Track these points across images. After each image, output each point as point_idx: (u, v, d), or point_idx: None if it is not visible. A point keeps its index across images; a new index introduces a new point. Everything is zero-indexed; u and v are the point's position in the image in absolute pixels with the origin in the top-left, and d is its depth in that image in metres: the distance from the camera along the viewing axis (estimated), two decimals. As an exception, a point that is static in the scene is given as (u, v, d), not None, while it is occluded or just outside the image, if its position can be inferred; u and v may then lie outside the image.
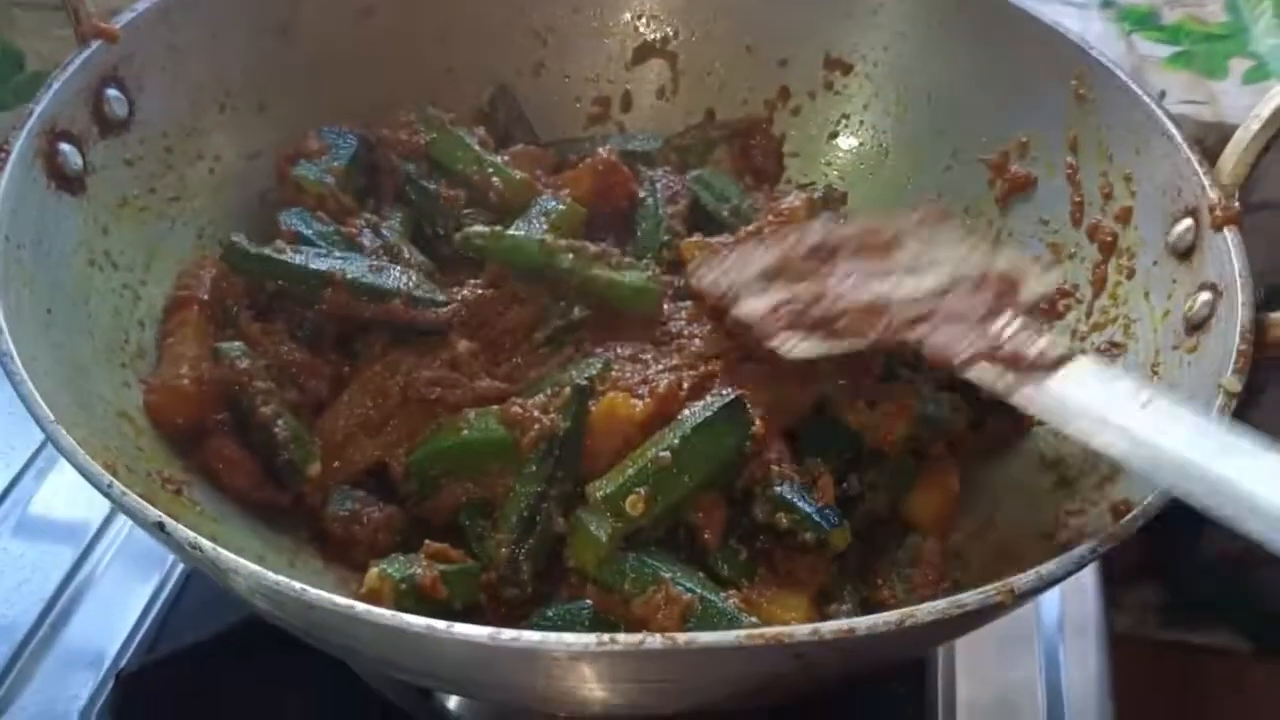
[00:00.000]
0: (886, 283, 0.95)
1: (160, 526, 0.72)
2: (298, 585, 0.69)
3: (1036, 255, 1.09)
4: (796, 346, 0.91)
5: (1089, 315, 1.05)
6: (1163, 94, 1.31)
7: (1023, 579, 0.72)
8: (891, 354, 0.93)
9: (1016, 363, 0.83)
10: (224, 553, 0.71)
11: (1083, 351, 0.84)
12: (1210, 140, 1.25)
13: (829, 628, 0.68)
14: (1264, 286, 0.90)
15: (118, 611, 1.11)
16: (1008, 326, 0.86)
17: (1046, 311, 1.08)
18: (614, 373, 1.00)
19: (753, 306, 0.96)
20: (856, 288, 0.95)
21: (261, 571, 0.70)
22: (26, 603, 1.10)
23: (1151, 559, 1.52)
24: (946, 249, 0.99)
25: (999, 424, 1.02)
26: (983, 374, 0.84)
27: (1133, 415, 0.75)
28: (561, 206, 1.11)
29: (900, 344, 0.90)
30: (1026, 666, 1.11)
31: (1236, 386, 0.83)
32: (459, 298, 1.03)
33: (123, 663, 1.07)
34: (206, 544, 0.71)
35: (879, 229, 1.02)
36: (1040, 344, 0.84)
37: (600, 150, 1.17)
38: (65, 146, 0.97)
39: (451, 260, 1.12)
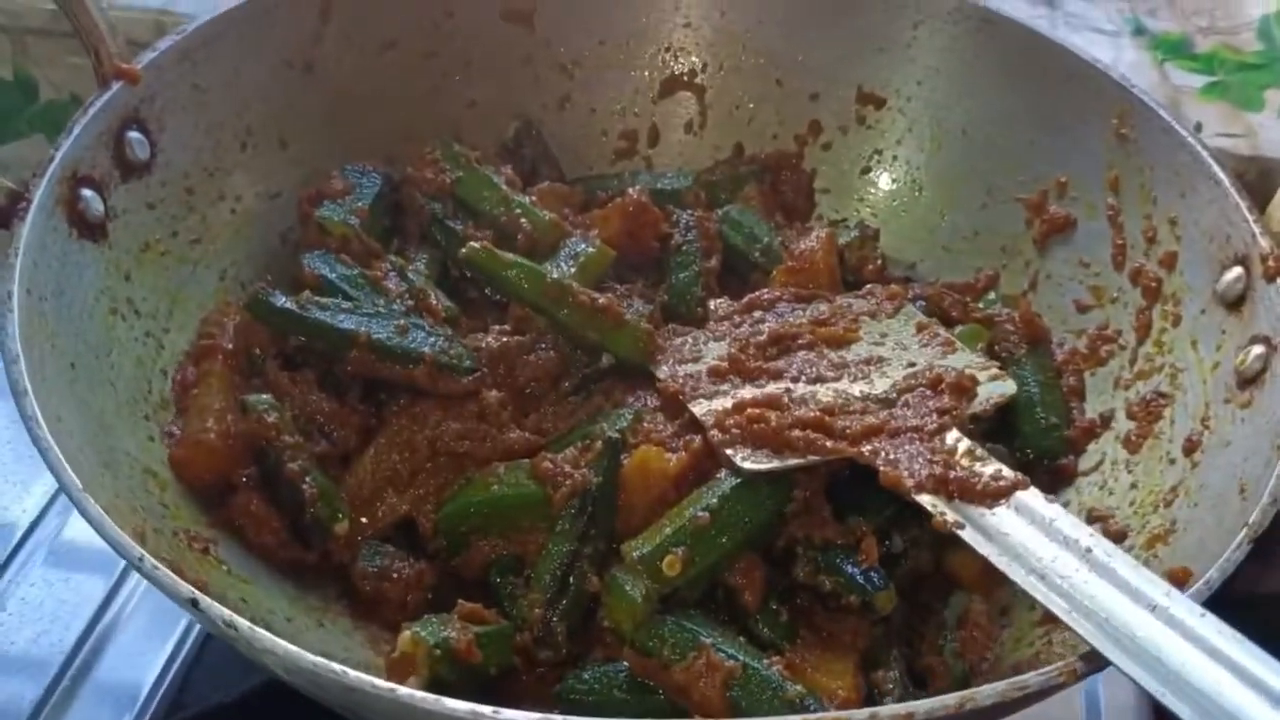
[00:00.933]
0: (840, 384, 0.97)
1: (194, 604, 0.70)
2: (338, 667, 0.66)
3: (991, 363, 1.04)
4: (750, 459, 0.90)
5: (1133, 363, 1.03)
6: (1199, 126, 1.28)
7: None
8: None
9: (965, 492, 0.85)
10: (260, 632, 0.68)
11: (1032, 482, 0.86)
12: (1250, 175, 1.23)
13: (887, 712, 0.66)
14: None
15: (151, 647, 1.06)
16: (959, 442, 0.89)
17: (1087, 357, 1.06)
18: (646, 424, 0.97)
19: (706, 409, 0.95)
20: (809, 394, 0.95)
21: (299, 653, 0.67)
22: (59, 638, 1.07)
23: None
24: (900, 341, 1.02)
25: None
26: (933, 504, 0.85)
27: (1070, 568, 0.76)
28: (591, 249, 1.08)
29: (853, 460, 0.90)
30: (1068, 710, 1.08)
31: (1296, 449, 0.81)
32: (484, 344, 1.01)
33: (156, 700, 1.04)
34: (242, 623, 0.69)
35: (833, 319, 1.04)
36: (988, 471, 0.86)
37: (630, 190, 1.14)
38: (87, 192, 0.95)
39: (477, 303, 1.10)
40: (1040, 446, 1.02)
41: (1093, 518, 0.96)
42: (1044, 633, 0.88)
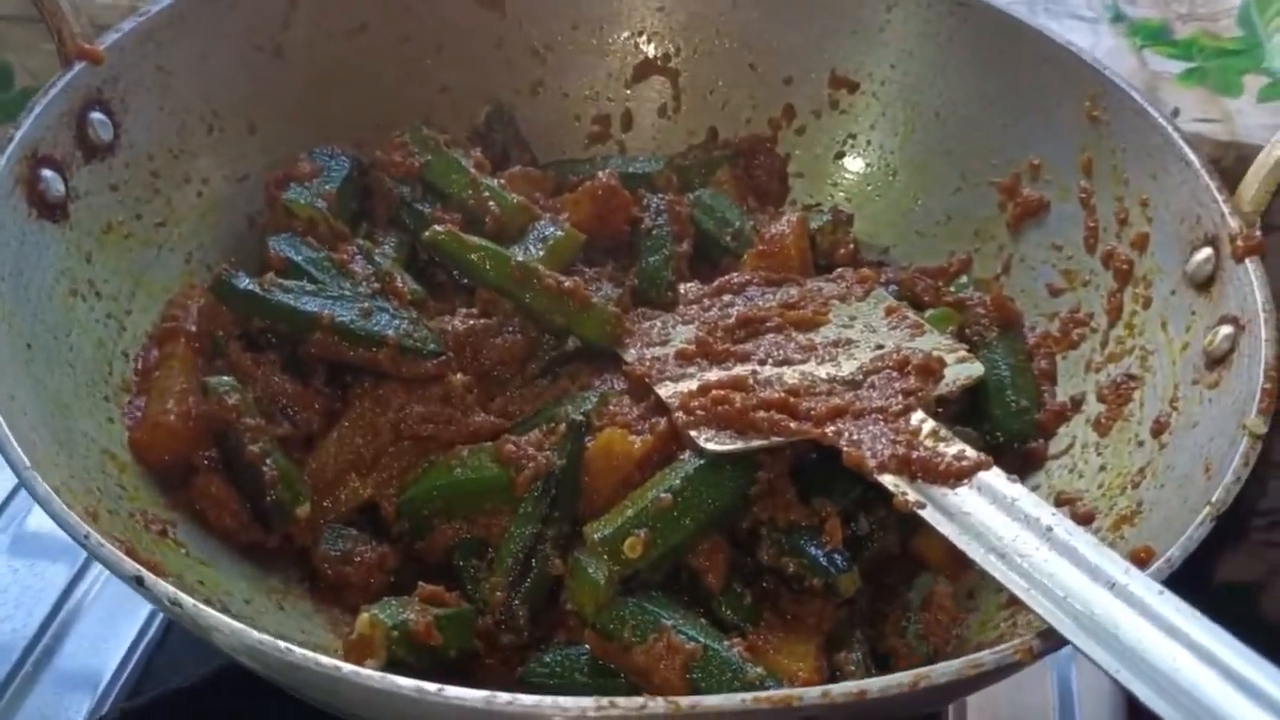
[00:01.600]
0: (806, 366, 0.96)
1: (139, 581, 0.69)
2: (283, 645, 0.66)
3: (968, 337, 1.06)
4: (713, 440, 0.89)
5: (1104, 345, 1.02)
6: (1176, 111, 1.27)
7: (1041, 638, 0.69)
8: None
9: (927, 472, 0.84)
10: (204, 609, 0.68)
11: (994, 463, 0.85)
12: (1227, 160, 1.22)
13: (840, 690, 0.65)
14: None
15: (113, 633, 1.06)
16: (924, 424, 0.89)
17: (1059, 340, 1.06)
18: (611, 406, 0.97)
19: (672, 391, 0.95)
20: (774, 376, 0.94)
21: (243, 629, 0.67)
22: (22, 624, 1.06)
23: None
24: (869, 324, 1.02)
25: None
26: (895, 484, 0.85)
27: (1030, 547, 0.75)
28: (559, 233, 1.08)
29: (816, 441, 0.89)
30: (1039, 694, 1.07)
31: (1261, 428, 0.80)
32: (449, 327, 1.00)
33: (118, 686, 1.03)
34: (186, 600, 0.68)
35: (802, 302, 1.03)
36: (951, 451, 0.85)
37: (600, 173, 1.13)
38: (47, 173, 0.94)
39: (445, 286, 1.09)
40: (1010, 430, 1.01)
41: (1061, 501, 0.95)
42: (1009, 615, 0.87)
